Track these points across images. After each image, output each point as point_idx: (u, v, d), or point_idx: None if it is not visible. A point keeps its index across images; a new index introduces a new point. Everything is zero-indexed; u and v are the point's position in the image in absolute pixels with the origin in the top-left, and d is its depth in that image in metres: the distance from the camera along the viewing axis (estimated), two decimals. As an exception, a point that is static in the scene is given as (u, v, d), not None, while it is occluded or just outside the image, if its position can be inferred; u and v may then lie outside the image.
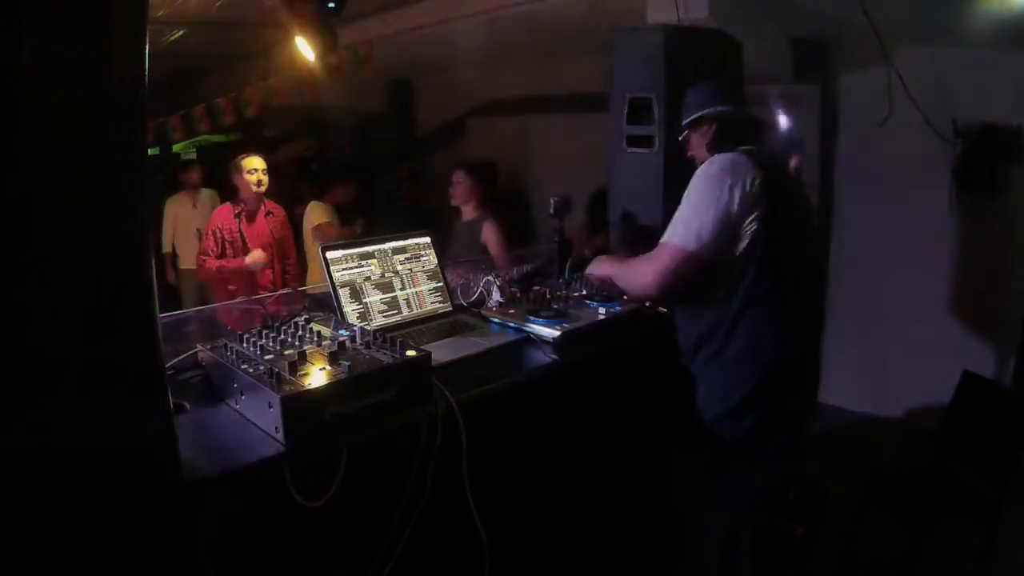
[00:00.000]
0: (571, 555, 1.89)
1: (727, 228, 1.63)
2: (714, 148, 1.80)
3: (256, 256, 3.23)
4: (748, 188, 1.62)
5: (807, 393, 1.88)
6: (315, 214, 4.15)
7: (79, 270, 0.98)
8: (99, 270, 1.00)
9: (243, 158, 3.33)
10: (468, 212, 3.36)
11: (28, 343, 0.95)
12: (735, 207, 1.62)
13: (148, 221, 1.05)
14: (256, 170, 3.29)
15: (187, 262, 4.87)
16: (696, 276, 1.67)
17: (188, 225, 4.93)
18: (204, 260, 3.29)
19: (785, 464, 1.80)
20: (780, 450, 1.75)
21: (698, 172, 1.71)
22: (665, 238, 1.71)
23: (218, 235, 3.28)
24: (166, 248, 4.99)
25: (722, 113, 1.84)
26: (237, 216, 3.32)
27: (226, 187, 3.99)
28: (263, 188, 3.33)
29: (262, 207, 3.40)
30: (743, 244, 1.64)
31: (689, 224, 1.66)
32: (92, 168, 0.98)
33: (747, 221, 1.63)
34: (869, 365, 3.74)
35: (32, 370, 0.96)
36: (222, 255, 3.27)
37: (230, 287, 3.26)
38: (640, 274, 1.77)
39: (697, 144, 1.90)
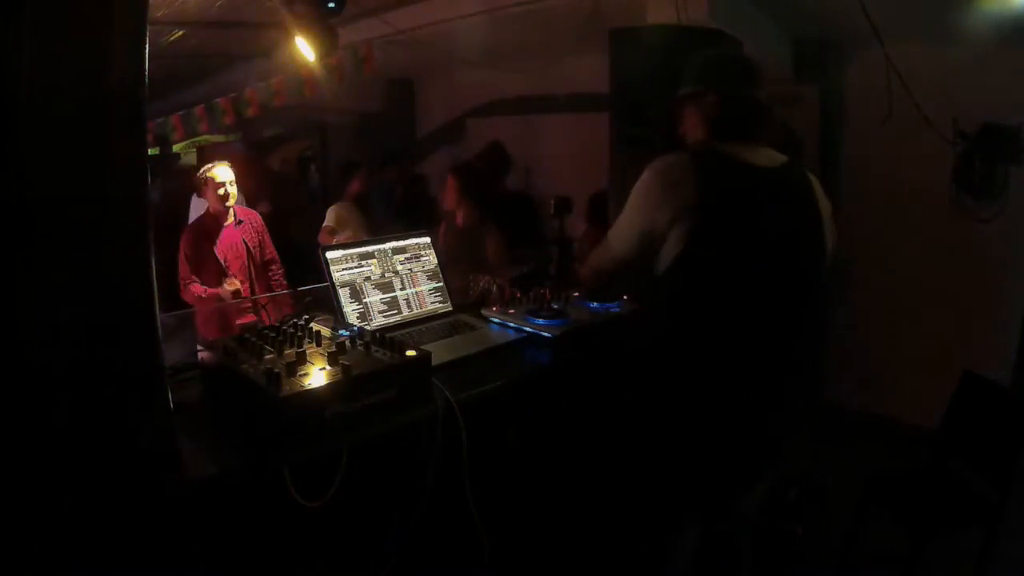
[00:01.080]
0: (571, 555, 1.89)
1: (649, 238, 1.50)
2: (712, 132, 1.56)
3: (227, 288, 3.12)
4: (679, 199, 1.44)
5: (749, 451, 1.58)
6: (328, 217, 4.17)
7: (80, 270, 0.98)
8: (99, 270, 1.00)
9: (209, 170, 3.19)
10: (460, 217, 3.32)
11: (29, 343, 0.95)
12: (658, 217, 1.47)
13: (149, 221, 1.06)
14: (224, 183, 3.16)
15: None
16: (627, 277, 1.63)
17: None
18: (186, 285, 3.16)
19: (785, 465, 1.79)
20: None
21: (644, 171, 1.54)
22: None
23: (189, 255, 3.16)
24: None
25: (732, 92, 1.54)
26: (200, 234, 3.20)
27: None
28: (231, 201, 3.20)
29: (231, 219, 3.27)
30: (667, 260, 1.49)
31: (619, 226, 1.60)
32: (92, 168, 0.98)
33: (672, 234, 1.46)
34: (869, 365, 3.74)
35: (33, 370, 0.96)
36: (200, 276, 3.16)
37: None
38: (585, 265, 1.78)
39: (693, 122, 1.61)
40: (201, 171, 3.25)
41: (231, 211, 3.26)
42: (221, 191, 3.16)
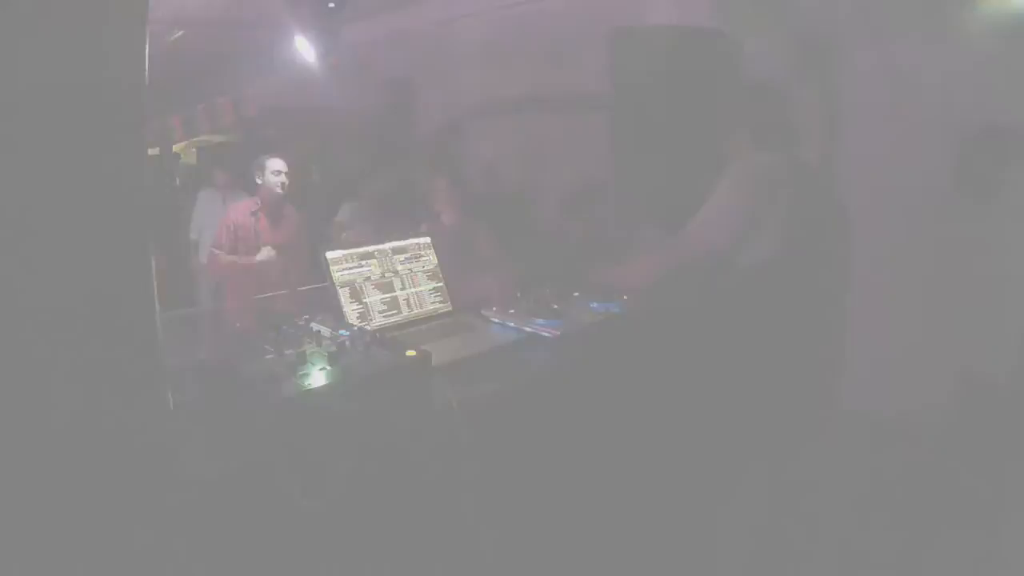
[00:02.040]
0: (571, 556, 1.89)
1: (756, 226, 1.61)
2: (754, 147, 1.74)
3: (267, 254, 3.21)
4: (780, 196, 1.58)
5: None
6: (341, 212, 4.19)
7: (79, 269, 0.98)
8: (99, 270, 1.00)
9: (268, 158, 3.34)
10: (448, 217, 3.34)
11: (28, 342, 0.95)
12: (757, 214, 1.59)
13: (149, 221, 1.05)
14: (281, 172, 3.31)
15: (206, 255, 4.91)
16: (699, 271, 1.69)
17: (214, 220, 4.97)
18: (216, 254, 3.29)
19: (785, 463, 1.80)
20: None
21: (733, 169, 1.67)
22: (687, 229, 1.71)
23: (231, 229, 3.28)
24: (193, 235, 5.01)
25: (765, 108, 1.79)
26: (254, 214, 3.32)
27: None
28: (285, 190, 3.34)
29: (281, 209, 3.41)
30: (753, 254, 1.61)
31: (716, 217, 1.66)
32: (92, 168, 0.98)
33: (763, 231, 1.59)
34: (868, 364, 3.73)
35: (32, 369, 0.96)
36: (234, 251, 3.26)
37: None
38: (642, 266, 1.85)
39: (737, 139, 1.81)
40: (259, 158, 3.37)
41: (280, 200, 3.38)
42: (279, 179, 3.29)
